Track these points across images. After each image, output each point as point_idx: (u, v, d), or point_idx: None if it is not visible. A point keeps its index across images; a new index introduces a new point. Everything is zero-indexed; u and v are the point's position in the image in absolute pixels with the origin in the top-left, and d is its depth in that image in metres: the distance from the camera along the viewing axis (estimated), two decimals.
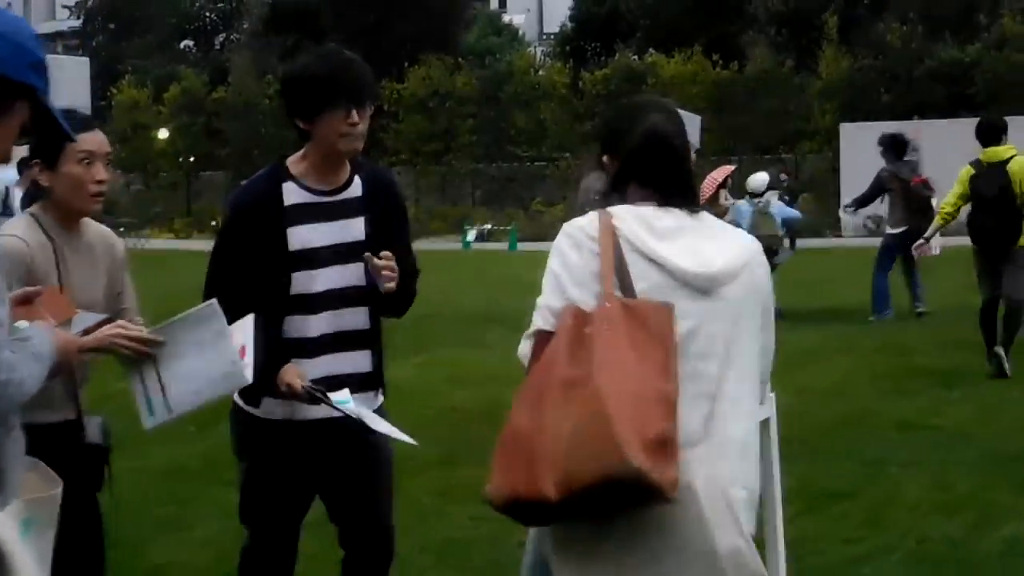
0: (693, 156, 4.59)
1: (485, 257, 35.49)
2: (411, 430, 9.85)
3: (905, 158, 18.09)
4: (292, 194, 4.77)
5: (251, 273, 4.68)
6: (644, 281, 3.44)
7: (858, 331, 16.35)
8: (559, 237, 3.59)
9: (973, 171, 13.38)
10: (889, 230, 17.83)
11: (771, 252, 17.41)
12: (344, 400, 4.66)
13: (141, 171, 56.27)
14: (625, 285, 3.42)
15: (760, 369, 3.69)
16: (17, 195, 15.42)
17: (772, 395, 5.75)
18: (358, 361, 4.90)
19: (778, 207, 18.35)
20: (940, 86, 46.96)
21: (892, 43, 48.24)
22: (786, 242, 18.50)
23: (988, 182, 12.85)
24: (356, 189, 4.85)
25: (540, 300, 3.54)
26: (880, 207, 33.39)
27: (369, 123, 4.86)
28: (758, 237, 13.84)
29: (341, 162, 4.85)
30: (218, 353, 4.30)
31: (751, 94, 49.55)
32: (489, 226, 46.55)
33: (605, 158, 3.75)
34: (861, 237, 38.05)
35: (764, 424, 5.61)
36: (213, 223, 50.11)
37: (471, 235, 44.43)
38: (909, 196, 17.48)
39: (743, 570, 3.37)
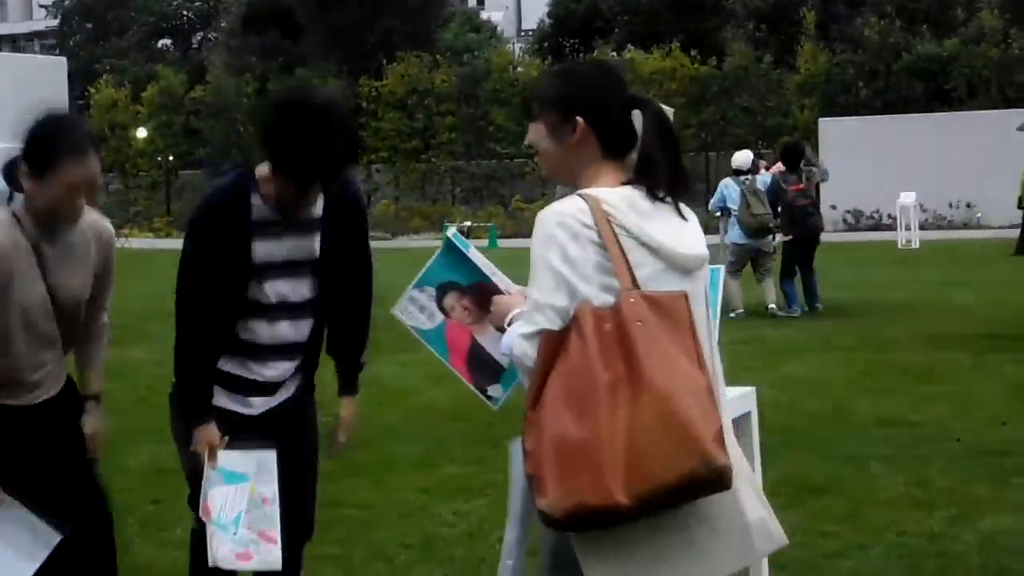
0: None
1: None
2: (393, 428, 9.91)
3: (802, 167, 18.30)
4: (257, 209, 4.77)
5: (218, 278, 4.74)
6: (643, 268, 3.39)
7: (837, 327, 16.39)
8: (550, 227, 3.41)
9: None
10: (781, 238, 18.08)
11: (766, 230, 17.48)
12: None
13: (120, 171, 56.14)
14: (631, 273, 3.38)
15: None
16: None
17: (752, 390, 5.78)
18: (299, 329, 4.98)
19: (762, 181, 18.34)
20: (918, 81, 47.11)
21: (870, 38, 48.36)
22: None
23: None
24: (317, 208, 4.86)
25: (539, 297, 3.40)
26: (859, 200, 33.38)
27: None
28: (751, 216, 13.84)
29: None
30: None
31: (729, 90, 49.64)
32: (469, 223, 46.54)
33: (580, 120, 3.56)
34: (840, 232, 38.16)
35: (744, 418, 5.65)
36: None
37: (451, 232, 44.42)
38: (788, 205, 17.72)
39: (770, 538, 3.41)
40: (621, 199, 3.45)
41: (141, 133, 56.77)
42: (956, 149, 39.48)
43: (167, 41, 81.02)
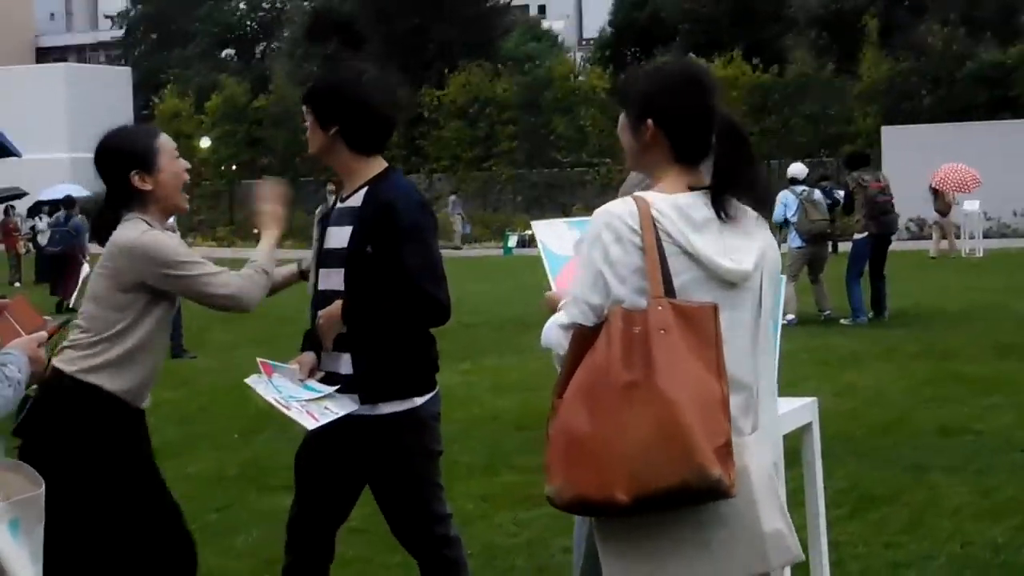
0: None
1: (526, 263, 35.48)
2: (455, 435, 9.94)
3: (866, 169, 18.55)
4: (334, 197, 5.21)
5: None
6: (682, 276, 3.43)
7: (899, 335, 16.31)
8: (598, 226, 3.50)
9: None
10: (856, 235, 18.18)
11: (824, 236, 17.71)
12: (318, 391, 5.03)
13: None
14: (666, 280, 3.41)
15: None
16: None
17: (814, 400, 5.77)
18: (337, 362, 5.06)
19: (818, 192, 18.54)
20: (982, 89, 46.76)
21: (933, 45, 48.03)
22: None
23: None
24: (357, 200, 5.02)
25: (577, 292, 3.51)
26: (923, 210, 33.08)
27: (398, 130, 5.11)
28: (810, 222, 13.98)
29: (337, 171, 5.13)
30: None
31: (791, 98, 49.44)
32: (530, 232, 46.63)
33: (649, 121, 3.62)
34: (902, 240, 37.88)
35: (807, 428, 5.64)
36: (255, 231, 50.26)
37: (512, 241, 44.49)
38: (869, 200, 17.83)
39: (785, 552, 3.42)
40: (673, 206, 3.49)
41: (204, 143, 57.16)
42: (1020, 157, 39.13)
43: (231, 51, 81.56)
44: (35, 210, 38.08)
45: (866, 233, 17.92)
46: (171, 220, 5.86)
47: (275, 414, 5.06)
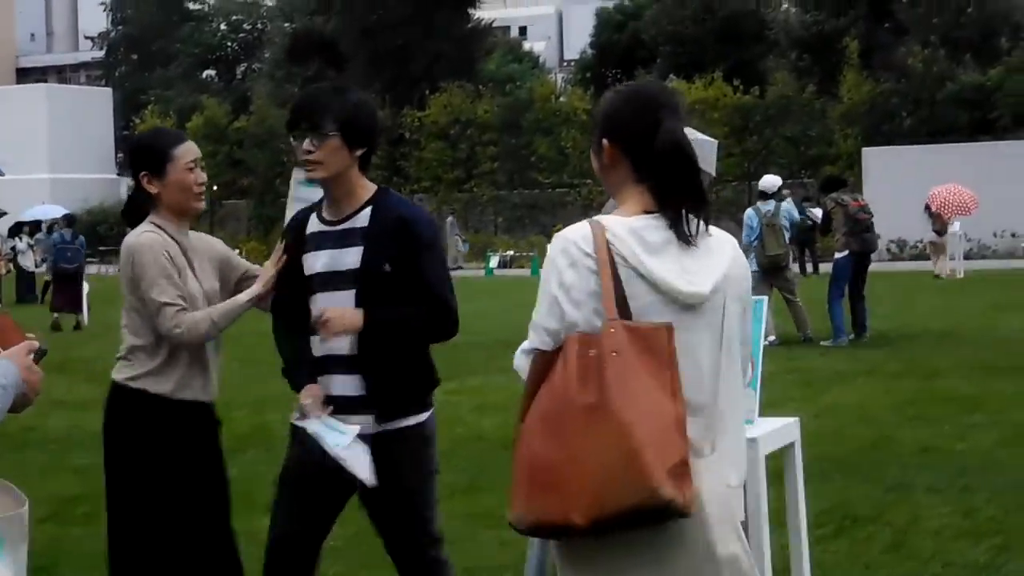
0: (707, 182, 4.65)
1: (508, 284, 35.53)
2: (440, 456, 9.90)
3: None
4: (312, 223, 5.09)
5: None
6: (637, 299, 3.42)
7: (882, 355, 16.35)
8: (554, 252, 3.51)
9: None
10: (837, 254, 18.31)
11: (777, 269, 17.54)
12: (339, 433, 4.93)
13: None
14: (620, 304, 3.41)
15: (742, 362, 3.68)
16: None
17: (796, 420, 5.78)
18: (346, 384, 5.01)
19: (787, 210, 18.46)
20: (962, 110, 46.96)
21: (914, 67, 48.23)
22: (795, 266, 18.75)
23: None
24: (362, 219, 4.99)
25: (536, 318, 3.52)
26: (903, 230, 33.23)
27: (380, 151, 5.05)
28: (765, 257, 13.87)
29: (338, 192, 5.02)
30: None
31: (772, 119, 49.60)
32: (512, 253, 46.61)
33: (605, 141, 3.63)
34: (884, 261, 38.01)
35: (789, 448, 5.66)
36: (236, 251, 50.23)
37: (494, 262, 44.55)
38: (850, 218, 18.01)
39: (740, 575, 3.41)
40: (628, 229, 3.48)
41: None
42: (1000, 178, 39.28)
43: (211, 72, 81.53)
44: (15, 231, 37.98)
45: (847, 252, 17.98)
46: None
47: (255, 435, 5.08)
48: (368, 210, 4.98)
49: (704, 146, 8.25)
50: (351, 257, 4.94)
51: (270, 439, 11.55)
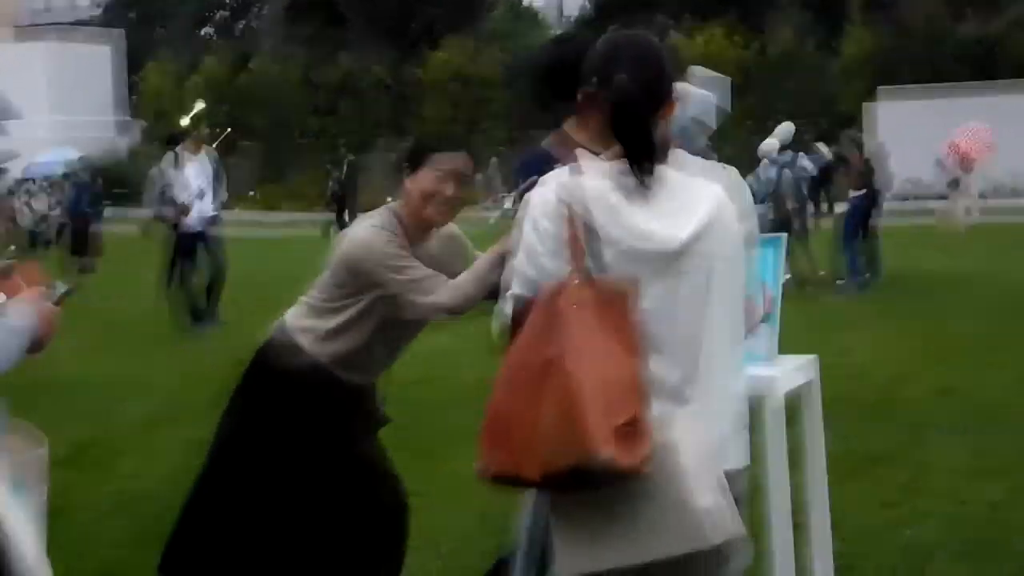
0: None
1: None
2: (451, 399, 9.88)
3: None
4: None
5: None
6: (611, 248, 3.37)
7: (896, 297, 16.33)
8: (533, 201, 3.50)
9: None
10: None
11: (785, 224, 17.48)
12: None
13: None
14: (595, 253, 3.36)
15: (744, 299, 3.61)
16: (188, 160, 15.43)
17: (815, 358, 5.75)
18: None
19: (801, 167, 18.40)
20: (964, 64, 46.80)
21: (915, 21, 48.04)
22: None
23: None
24: None
25: (516, 264, 3.49)
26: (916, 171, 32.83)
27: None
28: (771, 221, 13.67)
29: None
30: None
31: (775, 74, 49.44)
32: (511, 207, 46.54)
33: (583, 88, 3.63)
34: (896, 201, 37.86)
35: (807, 386, 5.62)
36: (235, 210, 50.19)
37: (496, 212, 44.44)
38: (863, 161, 18.00)
39: (721, 528, 3.30)
40: (603, 176, 3.43)
41: (199, 105, 57.01)
42: (1003, 131, 39.14)
43: (211, 30, 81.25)
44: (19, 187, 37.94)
45: (862, 191, 17.91)
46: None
47: None
48: None
49: (715, 83, 8.23)
50: None
51: None
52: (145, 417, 10.45)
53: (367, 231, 4.97)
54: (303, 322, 5.16)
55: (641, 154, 3.44)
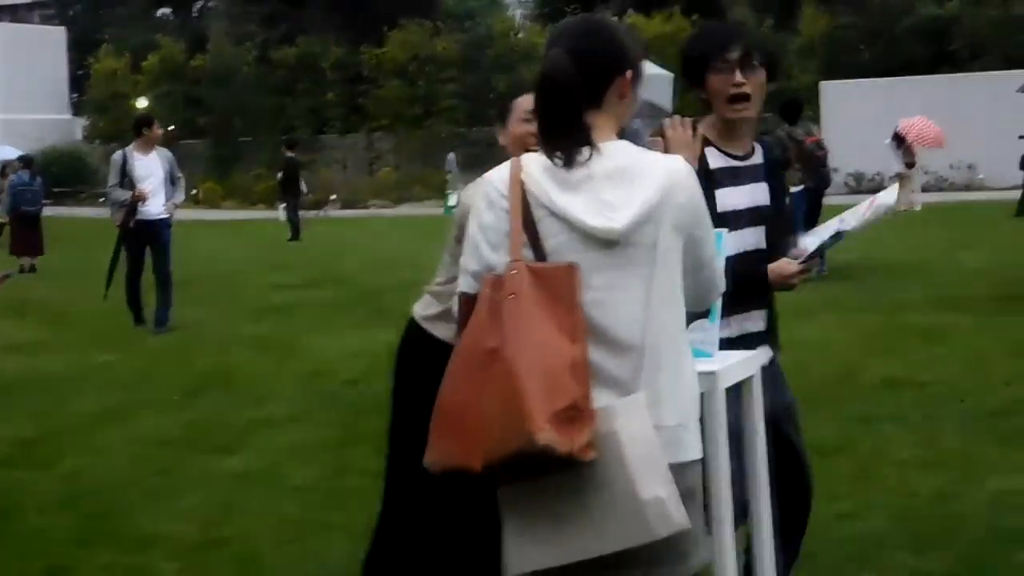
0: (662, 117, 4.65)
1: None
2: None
3: (800, 120, 18.56)
4: (715, 158, 4.84)
5: None
6: (553, 238, 3.36)
7: (844, 288, 16.38)
8: (478, 193, 3.51)
9: None
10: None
11: None
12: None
13: (120, 140, 56.10)
14: (535, 243, 3.35)
15: (696, 292, 3.59)
16: (137, 160, 15.09)
17: (756, 352, 5.73)
18: (756, 320, 5.06)
19: None
20: (921, 43, 46.95)
21: (871, 0, 48.19)
22: None
23: None
24: (758, 156, 4.95)
25: (462, 260, 3.50)
26: (861, 163, 33.24)
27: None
28: None
29: (748, 127, 4.92)
30: None
31: None
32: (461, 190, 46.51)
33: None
34: (842, 195, 38.04)
35: (747, 382, 5.61)
36: (194, 191, 49.98)
37: (453, 200, 44.39)
38: (807, 155, 17.96)
39: (666, 520, 3.27)
40: (543, 166, 3.42)
41: (141, 103, 56.72)
42: (957, 111, 39.26)
43: (167, 10, 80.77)
44: None
45: (802, 187, 17.98)
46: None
47: (216, 375, 4.98)
48: (758, 146, 4.96)
49: (660, 80, 8.16)
50: (761, 194, 4.89)
51: (230, 379, 11.53)
52: (93, 414, 10.36)
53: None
54: (430, 311, 5.17)
55: (560, 135, 3.42)
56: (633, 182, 3.40)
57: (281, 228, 33.03)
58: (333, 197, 47.19)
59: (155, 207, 14.87)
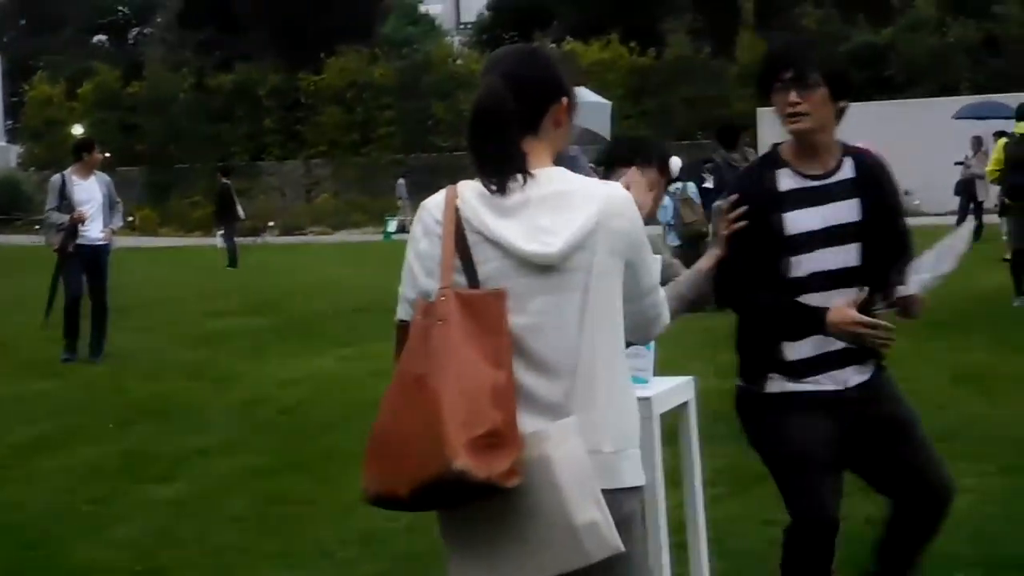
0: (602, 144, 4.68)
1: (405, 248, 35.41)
2: (337, 422, 9.83)
3: (738, 146, 18.71)
4: (785, 180, 4.87)
5: (752, 257, 4.85)
6: (487, 264, 3.37)
7: None
8: (414, 221, 3.54)
9: (1007, 140, 17.20)
10: None
11: (700, 236, 17.65)
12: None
13: (56, 167, 55.71)
14: (468, 270, 3.36)
15: (636, 320, 3.59)
16: (76, 184, 14.88)
17: (691, 379, 5.77)
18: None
19: (692, 189, 18.63)
20: (856, 69, 47.36)
21: (808, 27, 48.60)
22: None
23: (1019, 149, 16.11)
24: (847, 171, 4.90)
25: (399, 289, 3.52)
26: None
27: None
28: (685, 226, 13.75)
29: (821, 145, 4.90)
30: None
31: (670, 80, 49.75)
32: (410, 217, 46.50)
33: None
34: None
35: (684, 407, 5.65)
36: (131, 218, 49.71)
37: (392, 226, 44.43)
38: None
39: (602, 543, 3.28)
40: (478, 192, 3.44)
41: (77, 130, 56.39)
42: (894, 137, 39.59)
43: (102, 37, 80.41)
44: None
45: None
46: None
47: (152, 403, 4.96)
48: (849, 160, 4.91)
49: (597, 108, 8.18)
50: (849, 210, 4.85)
51: (166, 407, 11.46)
52: (27, 442, 10.28)
53: None
54: None
55: (494, 162, 3.45)
56: (569, 207, 3.41)
57: (218, 255, 32.87)
58: (271, 224, 47.10)
59: (95, 232, 14.71)
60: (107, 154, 39.29)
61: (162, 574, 6.86)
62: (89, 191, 14.82)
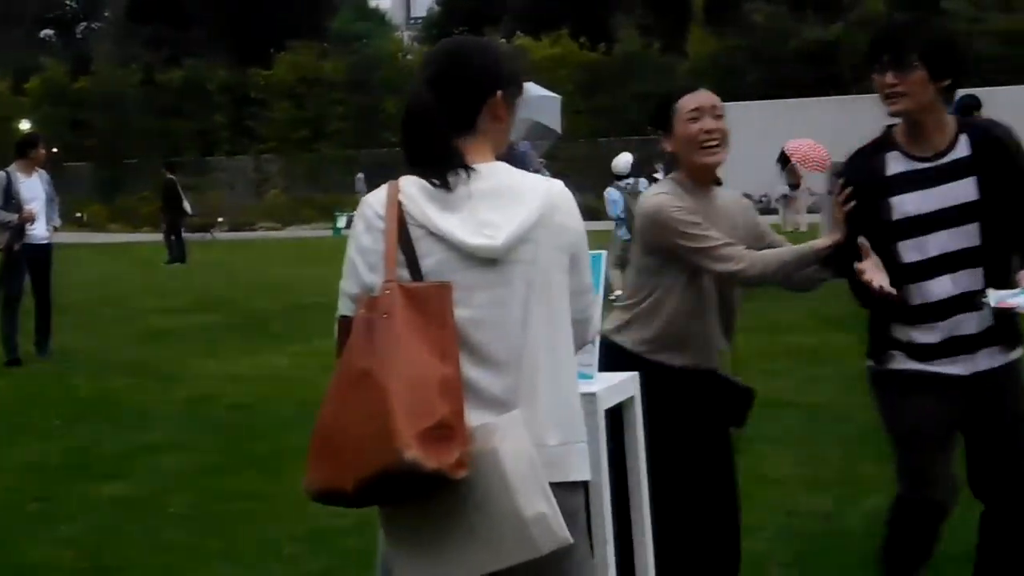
0: (553, 139, 4.64)
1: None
2: (286, 419, 9.77)
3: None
4: (894, 164, 4.85)
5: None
6: (430, 258, 3.36)
7: None
8: (356, 216, 3.53)
9: None
10: None
11: None
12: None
13: (3, 163, 55.36)
14: (411, 264, 3.35)
15: (575, 316, 3.57)
16: (21, 182, 14.68)
17: (636, 375, 5.75)
18: (969, 322, 4.85)
19: (643, 184, 18.68)
20: (807, 66, 47.59)
21: (758, 22, 48.78)
22: None
23: None
24: (962, 150, 4.82)
25: (341, 284, 3.49)
26: (747, 185, 33.75)
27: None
28: (634, 219, 13.79)
29: (928, 125, 4.83)
30: None
31: (620, 76, 49.83)
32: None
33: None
34: None
35: (628, 403, 5.63)
36: (79, 215, 49.45)
37: (342, 221, 44.32)
38: None
39: (551, 536, 3.28)
40: (420, 186, 3.43)
41: (24, 125, 56.05)
42: (844, 132, 39.68)
43: (50, 31, 79.89)
44: None
45: None
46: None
47: (98, 401, 4.91)
48: (964, 138, 4.82)
49: (547, 102, 8.16)
50: (963, 190, 4.78)
51: (112, 405, 11.38)
52: None
53: (652, 201, 5.21)
54: (615, 323, 5.37)
55: (429, 163, 3.44)
56: (512, 201, 3.42)
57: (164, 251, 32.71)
58: (220, 220, 46.92)
59: (40, 230, 14.60)
60: (54, 149, 38.99)
61: (108, 572, 6.80)
62: (33, 189, 14.70)
